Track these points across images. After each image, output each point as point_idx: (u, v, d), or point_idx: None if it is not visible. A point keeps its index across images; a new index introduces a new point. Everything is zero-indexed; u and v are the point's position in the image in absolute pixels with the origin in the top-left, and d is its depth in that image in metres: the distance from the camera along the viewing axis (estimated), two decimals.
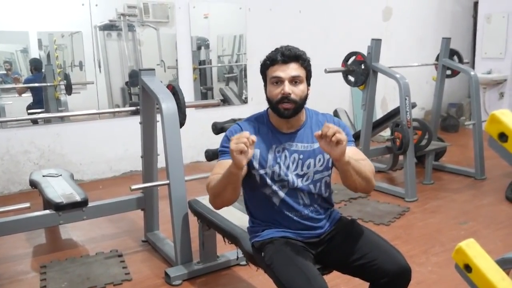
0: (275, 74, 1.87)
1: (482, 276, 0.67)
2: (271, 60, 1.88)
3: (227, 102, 5.92)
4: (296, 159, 1.90)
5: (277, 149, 1.90)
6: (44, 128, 4.75)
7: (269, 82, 1.91)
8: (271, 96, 1.89)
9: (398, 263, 1.79)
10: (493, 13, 6.92)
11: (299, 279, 1.69)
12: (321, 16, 6.35)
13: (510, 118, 0.68)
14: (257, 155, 1.89)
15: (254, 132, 1.89)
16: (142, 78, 3.01)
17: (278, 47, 1.92)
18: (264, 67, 1.93)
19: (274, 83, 1.88)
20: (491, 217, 3.76)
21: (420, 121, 4.64)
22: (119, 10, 5.03)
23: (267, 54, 1.92)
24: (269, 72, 1.90)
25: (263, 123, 1.97)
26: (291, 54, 1.86)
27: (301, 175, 1.91)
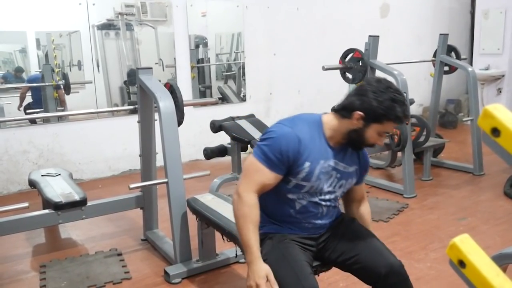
0: (390, 131, 1.84)
1: (476, 272, 0.68)
2: (397, 119, 1.77)
3: (226, 100, 5.92)
4: (334, 177, 1.88)
5: (324, 164, 1.83)
6: (42, 127, 4.75)
7: (376, 131, 1.79)
8: (368, 139, 1.82)
9: (387, 262, 1.80)
10: (490, 8, 6.92)
11: (290, 277, 1.71)
12: (318, 13, 6.35)
13: (503, 113, 0.69)
14: (307, 168, 1.79)
15: (309, 143, 1.79)
16: (139, 77, 3.01)
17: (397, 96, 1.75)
18: (386, 118, 1.75)
19: (381, 133, 1.81)
20: (489, 212, 3.77)
21: (418, 118, 4.64)
22: (117, 9, 5.03)
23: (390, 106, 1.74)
24: (386, 125, 1.78)
25: (317, 131, 1.84)
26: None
27: (331, 191, 1.90)
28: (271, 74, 6.04)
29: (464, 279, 0.72)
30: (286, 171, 1.80)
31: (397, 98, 1.74)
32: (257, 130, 4.21)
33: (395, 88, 1.77)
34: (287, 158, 1.76)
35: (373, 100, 1.73)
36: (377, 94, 1.74)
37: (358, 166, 1.95)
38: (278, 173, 1.78)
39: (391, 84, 1.79)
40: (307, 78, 6.25)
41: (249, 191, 1.79)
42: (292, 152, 1.75)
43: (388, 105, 1.72)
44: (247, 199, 1.78)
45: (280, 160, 1.76)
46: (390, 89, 1.75)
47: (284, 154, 1.75)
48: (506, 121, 0.66)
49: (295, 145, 1.75)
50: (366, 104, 1.74)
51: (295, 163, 1.77)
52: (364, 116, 1.76)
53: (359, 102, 1.77)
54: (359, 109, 1.76)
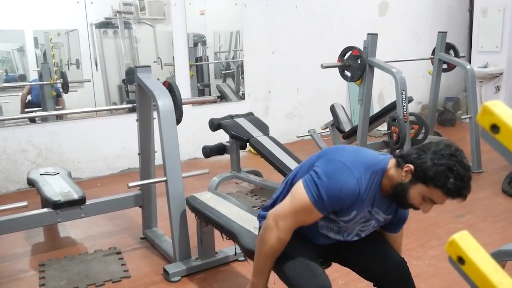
0: (437, 202, 1.64)
1: (475, 269, 0.68)
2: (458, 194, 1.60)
3: (224, 99, 5.92)
4: (371, 226, 1.82)
5: (367, 212, 1.75)
6: (41, 126, 4.75)
7: (421, 194, 1.63)
8: (411, 199, 1.66)
9: (390, 258, 1.82)
10: (489, 6, 6.92)
11: (306, 275, 1.71)
12: (317, 11, 6.34)
13: (502, 109, 0.69)
14: (352, 215, 1.73)
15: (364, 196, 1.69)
16: (138, 75, 3.01)
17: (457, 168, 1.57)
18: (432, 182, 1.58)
19: (425, 199, 1.64)
20: (488, 210, 3.77)
21: (416, 116, 4.65)
22: (115, 8, 5.02)
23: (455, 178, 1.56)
24: (433, 191, 1.60)
25: (376, 182, 1.70)
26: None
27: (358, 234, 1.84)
28: (269, 73, 6.04)
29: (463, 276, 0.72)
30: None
31: (457, 169, 1.55)
32: (256, 128, 4.22)
33: (461, 160, 1.58)
34: (340, 207, 1.69)
35: (430, 159, 1.58)
36: (437, 155, 1.58)
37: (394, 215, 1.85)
38: (324, 214, 1.71)
39: (460, 155, 1.60)
40: (305, 76, 6.25)
41: (288, 228, 1.73)
42: (348, 204, 1.68)
43: (441, 171, 1.56)
44: (285, 238, 1.74)
45: (333, 207, 1.69)
46: (453, 158, 1.57)
47: (340, 204, 1.68)
48: (505, 117, 0.66)
49: (353, 199, 1.67)
50: (421, 160, 1.60)
51: (345, 210, 1.71)
52: (414, 172, 1.61)
53: (416, 156, 1.63)
54: (412, 162, 1.62)
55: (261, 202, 4.04)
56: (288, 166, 3.73)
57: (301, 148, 5.72)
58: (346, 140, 5.04)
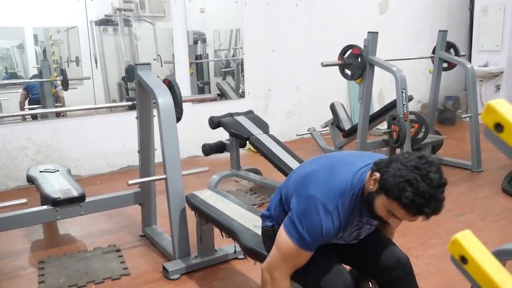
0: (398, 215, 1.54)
1: (478, 268, 0.68)
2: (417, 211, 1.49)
3: (224, 97, 5.91)
4: (365, 229, 1.81)
5: (357, 224, 1.73)
6: (41, 123, 4.74)
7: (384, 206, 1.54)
8: (377, 209, 1.58)
9: (394, 255, 1.82)
10: (489, 5, 6.92)
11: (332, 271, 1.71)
12: (317, 9, 6.34)
13: (506, 108, 0.68)
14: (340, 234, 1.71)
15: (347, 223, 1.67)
16: (138, 73, 3.00)
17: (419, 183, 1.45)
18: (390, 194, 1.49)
19: (388, 211, 1.55)
20: (487, 209, 3.77)
21: (416, 114, 4.64)
22: (115, 5, 5.01)
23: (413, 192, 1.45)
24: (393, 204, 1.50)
25: (354, 199, 1.64)
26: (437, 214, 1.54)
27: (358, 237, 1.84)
28: (269, 71, 6.03)
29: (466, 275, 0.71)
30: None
31: (417, 184, 1.44)
32: (256, 126, 4.22)
33: (426, 174, 1.46)
34: (327, 240, 1.67)
35: (393, 169, 1.49)
36: (401, 165, 1.49)
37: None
38: (314, 251, 1.69)
39: (428, 169, 1.47)
40: (305, 74, 6.24)
41: (284, 277, 1.72)
42: (333, 235, 1.66)
43: (399, 182, 1.46)
44: (281, 285, 1.72)
45: (319, 242, 1.67)
46: (417, 171, 1.46)
47: (325, 239, 1.66)
48: (509, 116, 0.66)
49: (336, 232, 1.65)
50: (386, 169, 1.52)
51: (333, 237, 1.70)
52: (379, 181, 1.53)
53: (385, 164, 1.54)
54: (379, 170, 1.55)
55: (261, 200, 4.03)
56: (288, 164, 3.73)
57: (300, 147, 5.72)
58: (346, 138, 5.04)
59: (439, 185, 1.48)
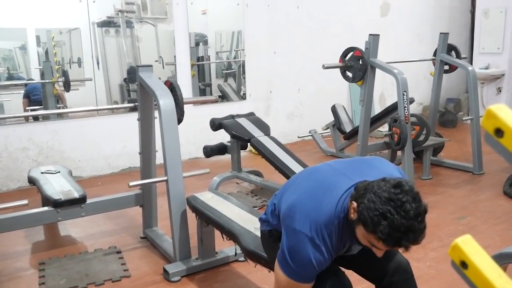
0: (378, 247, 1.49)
1: (479, 273, 0.68)
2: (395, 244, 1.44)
3: (226, 98, 5.92)
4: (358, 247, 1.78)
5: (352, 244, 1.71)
6: (42, 125, 4.75)
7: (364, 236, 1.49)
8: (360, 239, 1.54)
9: (395, 259, 1.81)
10: (490, 7, 6.92)
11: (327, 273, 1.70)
12: (319, 11, 6.34)
13: (506, 113, 0.68)
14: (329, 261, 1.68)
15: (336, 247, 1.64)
16: (139, 75, 3.00)
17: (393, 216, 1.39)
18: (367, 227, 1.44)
19: (369, 242, 1.50)
20: (489, 212, 3.76)
21: (418, 117, 4.64)
22: (117, 7, 5.02)
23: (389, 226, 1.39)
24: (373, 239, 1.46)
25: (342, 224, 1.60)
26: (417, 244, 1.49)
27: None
28: (271, 73, 6.03)
29: (466, 280, 0.71)
30: None
31: (391, 217, 1.38)
32: (257, 128, 4.22)
33: (401, 205, 1.39)
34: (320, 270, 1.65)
35: (367, 201, 1.43)
36: (375, 196, 1.42)
37: None
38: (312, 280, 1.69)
39: (402, 199, 1.40)
40: (307, 76, 6.24)
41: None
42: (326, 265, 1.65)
43: (374, 216, 1.40)
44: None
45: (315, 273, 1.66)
46: (391, 203, 1.39)
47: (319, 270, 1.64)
48: (509, 121, 0.66)
49: (328, 261, 1.64)
50: (362, 199, 1.46)
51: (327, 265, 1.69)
52: (356, 211, 1.48)
53: (362, 192, 1.47)
54: (356, 200, 1.49)
55: (262, 202, 4.03)
56: (289, 167, 3.72)
57: (302, 149, 5.72)
58: (347, 140, 5.04)
59: (416, 215, 1.42)
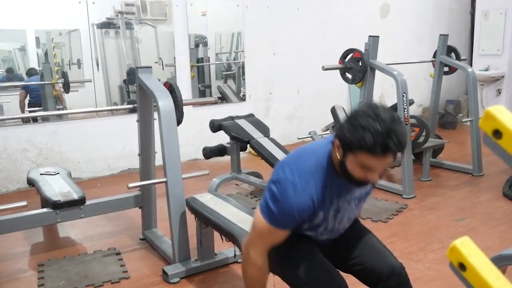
0: (371, 165, 1.53)
1: (477, 275, 0.67)
2: (383, 148, 1.48)
3: (225, 100, 5.92)
4: (352, 203, 1.81)
5: (338, 202, 1.75)
6: (41, 126, 4.75)
7: (357, 163, 1.54)
8: (353, 174, 1.58)
9: (388, 264, 1.79)
10: (490, 9, 6.92)
11: (323, 275, 1.70)
12: (318, 13, 6.34)
13: (504, 115, 0.68)
14: (320, 217, 1.74)
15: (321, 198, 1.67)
16: (139, 76, 3.00)
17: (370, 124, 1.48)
18: (361, 149, 1.49)
19: (363, 168, 1.55)
20: (488, 213, 3.76)
21: (417, 118, 4.64)
22: (117, 8, 5.02)
23: (371, 133, 1.46)
24: (362, 156, 1.50)
25: (326, 176, 1.66)
26: (402, 147, 1.53)
27: (350, 218, 1.88)
28: (270, 74, 6.03)
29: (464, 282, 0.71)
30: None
31: (371, 125, 1.46)
32: (257, 129, 4.22)
33: (376, 114, 1.48)
34: (301, 220, 1.71)
35: (346, 126, 1.53)
36: (352, 118, 1.53)
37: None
38: (287, 230, 1.73)
39: (375, 110, 1.50)
40: (306, 78, 6.24)
41: (259, 254, 1.77)
42: (307, 215, 1.69)
43: (357, 133, 1.48)
44: (256, 262, 1.78)
45: (293, 223, 1.71)
46: (367, 117, 1.48)
47: (298, 219, 1.68)
48: (508, 123, 0.66)
49: (309, 209, 1.66)
50: (341, 130, 1.55)
51: (309, 220, 1.74)
52: (340, 145, 1.56)
53: (340, 128, 1.57)
54: (337, 136, 1.59)
55: None
56: None
57: None
58: None
59: (392, 120, 1.50)
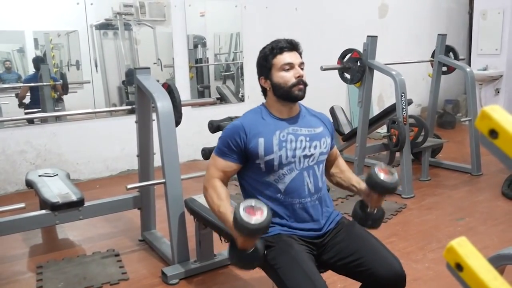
0: (287, 61, 1.97)
1: (474, 276, 0.67)
2: (279, 48, 1.98)
3: (224, 100, 5.91)
4: (304, 141, 1.95)
5: (281, 134, 1.93)
6: (40, 127, 4.74)
7: (279, 69, 1.97)
8: (284, 82, 1.95)
9: (393, 270, 1.77)
10: (488, 9, 6.93)
11: (303, 280, 1.70)
12: (317, 13, 6.34)
13: (500, 114, 0.68)
14: (262, 143, 1.91)
15: (255, 124, 1.95)
16: (137, 77, 3.00)
17: (274, 40, 2.03)
18: (271, 56, 1.98)
19: (286, 69, 1.96)
20: (487, 213, 3.76)
21: (416, 118, 4.64)
22: (115, 9, 5.01)
23: (268, 45, 2.02)
24: (278, 59, 1.97)
25: (262, 114, 2.02)
26: (294, 42, 2.02)
27: (308, 155, 1.95)
28: None
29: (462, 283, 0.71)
30: (243, 159, 1.95)
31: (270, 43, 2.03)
32: None
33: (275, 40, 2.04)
34: (237, 144, 1.93)
35: (257, 62, 2.08)
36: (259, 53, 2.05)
37: (324, 126, 2.07)
38: (233, 161, 1.95)
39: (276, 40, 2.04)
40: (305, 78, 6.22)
41: (210, 179, 1.98)
42: (239, 137, 1.92)
43: (262, 52, 2.04)
44: (209, 185, 1.97)
45: (231, 149, 1.93)
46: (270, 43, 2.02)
47: (233, 143, 1.93)
48: (504, 122, 0.66)
49: (239, 131, 1.93)
50: (257, 67, 2.09)
51: (248, 145, 1.91)
52: (263, 76, 2.05)
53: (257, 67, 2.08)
54: (258, 75, 2.08)
55: None
56: None
57: None
58: (345, 142, 5.03)
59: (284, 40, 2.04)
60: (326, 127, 2.08)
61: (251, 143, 1.91)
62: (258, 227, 1.60)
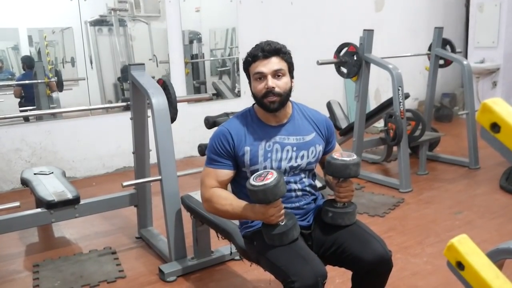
0: (258, 70, 1.87)
1: (475, 274, 0.65)
2: (253, 56, 1.88)
3: (220, 96, 5.88)
4: (290, 151, 1.91)
5: (267, 144, 1.91)
6: (35, 125, 4.71)
7: (252, 78, 1.92)
8: (256, 92, 1.90)
9: (376, 253, 1.76)
10: (485, 2, 6.90)
11: (297, 261, 1.68)
12: (313, 7, 6.31)
13: (502, 107, 0.66)
14: (248, 152, 1.89)
15: (242, 131, 1.92)
16: (132, 73, 2.97)
17: (258, 43, 1.92)
18: (247, 64, 1.92)
19: (258, 78, 1.89)
20: (485, 206, 3.75)
21: (413, 112, 4.62)
22: (110, 5, 4.97)
23: (248, 52, 1.93)
24: (252, 68, 1.90)
25: (250, 119, 1.97)
26: (271, 48, 1.87)
27: (294, 166, 1.92)
28: None
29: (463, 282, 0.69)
30: (235, 164, 1.93)
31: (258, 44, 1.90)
32: None
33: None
34: (226, 150, 1.90)
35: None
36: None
37: (318, 132, 2.00)
38: (226, 168, 1.92)
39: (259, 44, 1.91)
40: (301, 72, 6.15)
41: (207, 191, 1.93)
42: (227, 142, 1.90)
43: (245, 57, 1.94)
44: (207, 195, 1.93)
45: (222, 155, 1.91)
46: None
47: (222, 148, 1.90)
48: (506, 116, 0.63)
49: (226, 136, 1.90)
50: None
51: (236, 152, 1.90)
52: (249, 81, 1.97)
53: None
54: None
55: None
56: None
57: None
58: (342, 137, 5.01)
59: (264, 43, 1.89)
60: (320, 132, 2.00)
61: (239, 150, 1.90)
62: (273, 184, 1.66)
